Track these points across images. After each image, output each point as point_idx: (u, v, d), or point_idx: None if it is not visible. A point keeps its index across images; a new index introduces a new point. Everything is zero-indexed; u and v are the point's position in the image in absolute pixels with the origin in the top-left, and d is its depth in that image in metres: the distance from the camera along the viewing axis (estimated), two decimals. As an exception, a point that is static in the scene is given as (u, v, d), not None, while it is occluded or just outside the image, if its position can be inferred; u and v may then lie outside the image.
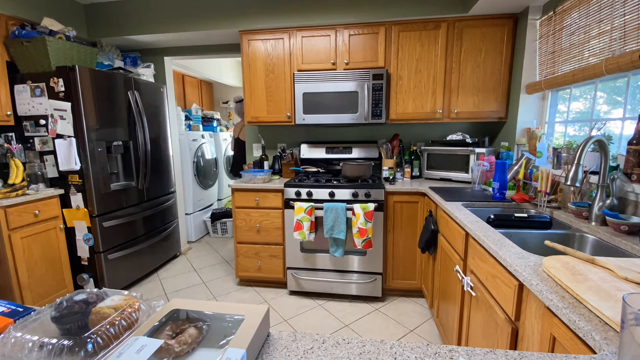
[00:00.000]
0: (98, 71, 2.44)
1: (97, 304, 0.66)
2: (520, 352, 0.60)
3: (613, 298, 0.75)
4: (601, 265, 0.92)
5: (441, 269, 1.94)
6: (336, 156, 2.95)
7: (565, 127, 2.10)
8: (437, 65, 2.51)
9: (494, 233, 1.30)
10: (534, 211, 1.73)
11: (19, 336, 0.57)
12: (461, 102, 2.53)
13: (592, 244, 1.34)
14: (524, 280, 0.94)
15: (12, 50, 2.33)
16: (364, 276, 2.47)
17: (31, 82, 2.32)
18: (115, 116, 2.59)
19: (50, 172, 2.40)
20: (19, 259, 2.12)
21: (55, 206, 2.37)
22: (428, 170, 2.72)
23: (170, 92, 3.38)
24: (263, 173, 2.62)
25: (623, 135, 1.60)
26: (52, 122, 2.33)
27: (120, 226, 2.65)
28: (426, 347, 0.62)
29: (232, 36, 2.90)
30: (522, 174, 1.94)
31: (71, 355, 0.55)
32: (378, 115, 2.53)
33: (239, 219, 2.63)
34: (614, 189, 1.40)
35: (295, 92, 2.60)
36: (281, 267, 2.64)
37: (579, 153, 1.28)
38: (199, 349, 0.62)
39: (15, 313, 0.69)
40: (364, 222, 2.28)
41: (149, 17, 2.81)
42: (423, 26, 2.47)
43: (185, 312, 0.68)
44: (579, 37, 1.82)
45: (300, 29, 2.61)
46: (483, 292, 1.29)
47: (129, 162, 2.77)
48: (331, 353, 0.61)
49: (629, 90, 1.57)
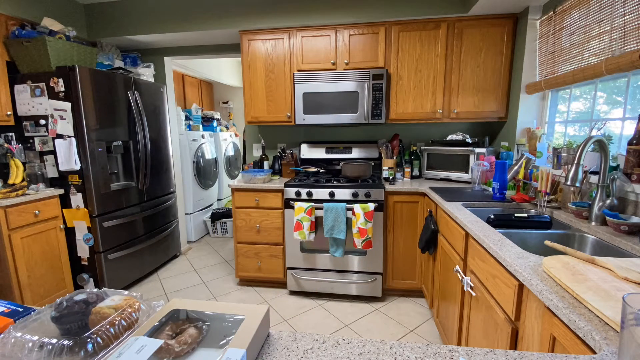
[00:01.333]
0: (98, 71, 2.44)
1: (97, 304, 0.66)
2: (520, 352, 0.60)
3: (613, 298, 0.75)
4: (601, 265, 0.92)
5: (441, 269, 1.94)
6: (336, 156, 2.95)
7: (565, 127, 2.10)
8: (437, 65, 2.51)
9: (494, 233, 1.30)
10: (534, 211, 1.73)
11: (19, 336, 0.57)
12: (461, 102, 2.53)
13: (592, 244, 1.34)
14: (524, 280, 0.94)
15: (12, 50, 2.33)
16: (364, 276, 2.48)
17: (31, 82, 2.32)
18: (115, 116, 2.59)
19: (50, 172, 2.40)
20: (19, 259, 2.12)
21: (55, 206, 2.37)
22: (428, 170, 2.72)
23: (170, 92, 3.38)
24: (263, 173, 2.62)
25: (623, 135, 1.60)
26: (52, 122, 2.33)
27: (120, 226, 2.65)
28: (426, 347, 0.62)
29: (232, 36, 2.90)
30: (522, 174, 1.94)
31: (71, 355, 0.55)
32: (378, 115, 2.53)
33: (239, 219, 2.63)
34: (614, 189, 1.40)
35: (295, 92, 2.60)
36: (281, 267, 2.64)
37: (579, 153, 1.28)
38: (199, 349, 0.62)
39: (15, 313, 0.69)
40: (364, 222, 2.28)
41: (149, 17, 2.81)
42: (423, 26, 2.47)
43: (185, 312, 0.68)
44: (579, 37, 1.82)
45: (300, 29, 2.61)
46: (483, 292, 1.29)
47: (129, 162, 2.77)
48: (331, 353, 0.61)
49: (629, 90, 1.57)
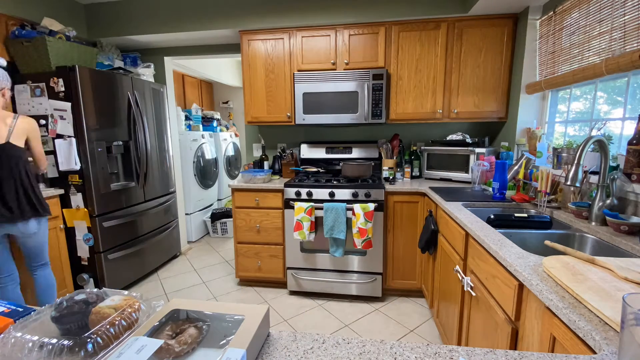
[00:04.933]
0: (98, 71, 2.44)
1: (97, 304, 0.66)
2: (520, 352, 0.60)
3: (613, 298, 0.75)
4: (601, 265, 0.92)
5: (441, 269, 1.94)
6: (336, 156, 2.95)
7: (565, 127, 2.10)
8: (437, 65, 2.51)
9: (494, 233, 1.30)
10: (534, 211, 1.73)
11: (19, 336, 0.57)
12: (461, 102, 2.53)
13: (592, 244, 1.34)
14: (524, 280, 0.94)
15: (12, 50, 2.33)
16: (364, 276, 2.47)
17: (31, 82, 2.32)
18: (115, 116, 2.59)
19: (50, 172, 2.40)
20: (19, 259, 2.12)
21: (55, 206, 2.37)
22: (428, 170, 2.72)
23: (170, 92, 3.38)
24: (263, 173, 2.62)
25: (623, 135, 1.60)
26: (52, 122, 2.33)
27: (120, 226, 2.65)
28: (426, 347, 0.62)
29: (232, 36, 2.90)
30: (522, 174, 1.94)
31: (71, 355, 0.55)
32: (378, 115, 2.53)
33: (239, 219, 2.63)
34: (614, 189, 1.40)
35: (295, 92, 2.60)
36: (281, 267, 2.64)
37: (579, 153, 1.28)
38: (199, 349, 0.62)
39: (15, 313, 0.69)
40: (364, 222, 2.28)
41: (149, 17, 2.81)
42: (423, 26, 2.47)
43: (185, 312, 0.68)
44: (579, 37, 1.82)
45: (300, 29, 2.61)
46: (483, 292, 1.29)
47: (129, 162, 2.77)
48: (331, 353, 0.61)
49: (629, 90, 1.57)
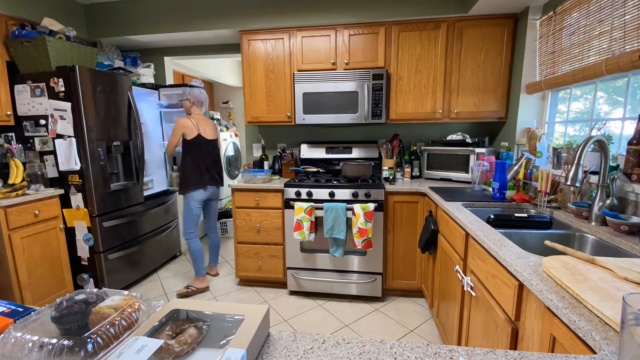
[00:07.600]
0: (98, 71, 2.44)
1: (97, 304, 0.66)
2: (520, 352, 0.60)
3: (613, 298, 0.75)
4: (601, 265, 0.92)
5: (441, 269, 1.94)
6: (336, 156, 2.95)
7: (565, 127, 2.10)
8: (437, 65, 2.51)
9: (494, 233, 1.30)
10: (534, 211, 1.73)
11: (19, 336, 0.57)
12: (461, 102, 2.53)
13: (592, 244, 1.34)
14: (524, 280, 0.94)
15: (12, 50, 2.33)
16: (364, 276, 2.47)
17: (31, 82, 2.32)
18: (115, 116, 2.59)
19: (50, 172, 2.40)
20: (19, 259, 2.12)
21: (55, 206, 2.37)
22: (428, 170, 2.72)
23: (170, 92, 3.38)
24: (263, 173, 2.62)
25: (623, 135, 1.60)
26: (52, 122, 2.33)
27: (120, 226, 2.65)
28: (426, 347, 0.62)
29: (232, 36, 2.90)
30: (522, 174, 1.94)
31: (71, 355, 0.55)
32: (378, 115, 2.53)
33: (239, 219, 2.63)
34: (614, 189, 1.39)
35: (295, 92, 2.60)
36: (281, 267, 2.64)
37: (579, 153, 1.28)
38: (199, 349, 0.62)
39: (15, 313, 0.69)
40: (364, 222, 2.28)
41: (149, 17, 2.81)
42: (423, 26, 2.47)
43: (185, 312, 0.68)
44: (579, 37, 1.82)
45: (300, 29, 2.61)
46: (483, 292, 1.29)
47: (129, 162, 2.77)
48: (331, 353, 0.61)
49: (629, 90, 1.57)
